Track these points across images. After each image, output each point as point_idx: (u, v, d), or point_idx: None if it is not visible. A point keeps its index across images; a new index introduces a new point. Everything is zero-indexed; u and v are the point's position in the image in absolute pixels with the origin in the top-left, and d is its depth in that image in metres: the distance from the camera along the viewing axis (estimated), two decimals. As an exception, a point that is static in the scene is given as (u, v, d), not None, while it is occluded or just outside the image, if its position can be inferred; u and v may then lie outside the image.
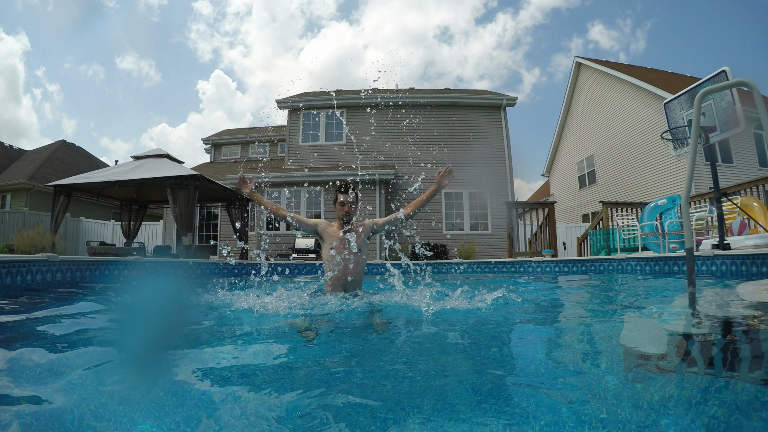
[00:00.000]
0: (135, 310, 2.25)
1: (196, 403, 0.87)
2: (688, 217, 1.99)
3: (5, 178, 16.34)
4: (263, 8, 51.39)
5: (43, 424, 0.74)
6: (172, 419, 0.78)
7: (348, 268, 2.57)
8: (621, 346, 1.37)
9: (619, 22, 50.47)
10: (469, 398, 0.91)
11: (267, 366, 1.21)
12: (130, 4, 41.85)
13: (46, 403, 0.82)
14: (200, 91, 61.73)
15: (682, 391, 0.92)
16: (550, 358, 1.29)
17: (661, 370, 1.09)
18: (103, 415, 0.79)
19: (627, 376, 1.04)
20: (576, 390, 0.95)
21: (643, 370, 1.08)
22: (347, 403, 0.86)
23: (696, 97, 1.91)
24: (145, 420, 0.77)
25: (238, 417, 0.80)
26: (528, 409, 0.83)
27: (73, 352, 1.27)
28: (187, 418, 0.79)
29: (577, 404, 0.85)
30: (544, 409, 0.83)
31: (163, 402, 0.86)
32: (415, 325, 1.81)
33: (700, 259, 3.63)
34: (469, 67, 66.08)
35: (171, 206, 7.67)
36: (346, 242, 2.59)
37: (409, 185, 12.97)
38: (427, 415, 0.80)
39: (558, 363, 1.23)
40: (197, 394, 0.92)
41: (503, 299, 2.21)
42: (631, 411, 0.81)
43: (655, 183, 12.70)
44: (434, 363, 1.23)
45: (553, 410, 0.82)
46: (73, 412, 0.78)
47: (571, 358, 1.28)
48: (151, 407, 0.83)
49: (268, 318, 1.96)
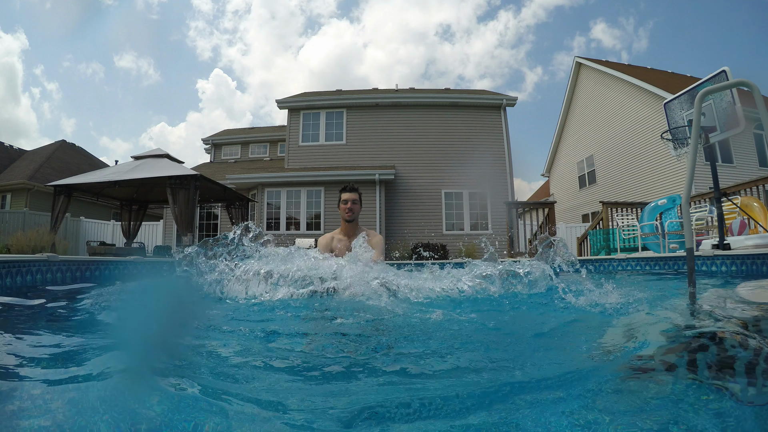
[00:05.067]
0: (136, 310, 2.25)
1: (211, 399, 0.87)
2: (689, 217, 2.00)
3: (5, 178, 16.34)
4: (262, 5, 51.42)
5: (43, 424, 0.74)
6: (181, 417, 0.78)
7: None
8: (620, 346, 1.37)
9: (621, 20, 50.52)
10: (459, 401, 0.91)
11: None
12: (128, 1, 41.89)
13: (45, 404, 0.82)
14: (200, 90, 61.83)
15: (682, 391, 0.92)
16: (543, 358, 1.29)
17: (660, 371, 1.09)
18: (104, 415, 0.79)
19: (625, 377, 1.04)
20: (569, 391, 0.95)
21: (643, 371, 1.08)
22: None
23: (696, 97, 1.91)
24: (146, 420, 0.77)
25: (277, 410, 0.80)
26: (519, 410, 0.83)
27: (73, 352, 1.27)
28: (197, 417, 0.79)
29: (569, 409, 0.85)
30: (538, 411, 0.83)
31: (171, 402, 0.86)
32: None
33: (700, 259, 3.63)
34: (470, 66, 66.18)
35: (171, 206, 7.67)
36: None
37: (409, 185, 12.98)
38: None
39: (550, 362, 1.23)
40: (207, 392, 0.92)
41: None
42: (630, 411, 0.81)
43: (655, 183, 12.70)
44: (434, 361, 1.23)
45: (546, 412, 0.82)
46: (73, 412, 0.78)
47: (564, 358, 1.28)
48: (152, 407, 0.83)
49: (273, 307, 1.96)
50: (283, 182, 12.27)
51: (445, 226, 12.74)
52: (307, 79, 65.72)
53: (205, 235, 13.88)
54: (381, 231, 11.72)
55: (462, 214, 12.87)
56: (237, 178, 12.40)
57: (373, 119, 13.67)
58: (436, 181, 12.98)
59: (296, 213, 12.27)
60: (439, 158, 13.19)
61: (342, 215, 2.79)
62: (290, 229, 12.16)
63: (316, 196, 12.27)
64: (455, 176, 12.88)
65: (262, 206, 12.18)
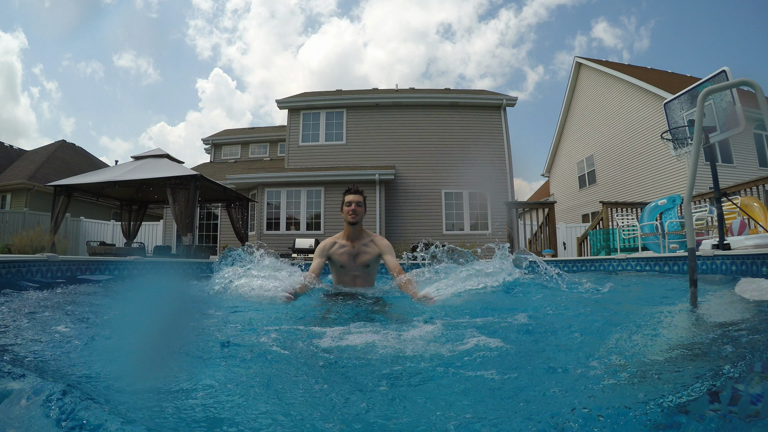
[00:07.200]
0: (136, 309, 2.24)
1: (208, 400, 0.87)
2: (690, 217, 1.99)
3: (5, 178, 16.33)
4: (262, 4, 51.33)
5: (44, 425, 0.73)
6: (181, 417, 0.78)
7: (356, 282, 2.57)
8: (619, 347, 1.37)
9: (623, 19, 50.41)
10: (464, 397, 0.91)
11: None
12: (128, 0, 41.81)
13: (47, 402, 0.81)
14: (199, 90, 61.62)
15: (683, 392, 0.92)
16: (540, 360, 1.29)
17: (660, 371, 1.09)
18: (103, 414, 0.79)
19: (624, 378, 1.04)
20: (572, 394, 0.95)
21: (642, 372, 1.08)
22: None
23: (699, 97, 1.91)
24: (145, 420, 0.77)
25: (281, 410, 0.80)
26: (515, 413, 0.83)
27: (72, 353, 1.27)
28: (196, 416, 0.79)
29: (567, 410, 0.85)
30: (535, 413, 0.82)
31: (172, 401, 0.86)
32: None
33: (700, 259, 3.63)
34: (471, 65, 65.96)
35: (171, 206, 7.67)
36: (355, 257, 2.60)
37: (409, 185, 12.98)
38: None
39: (548, 365, 1.23)
40: (207, 391, 0.92)
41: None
42: (629, 413, 0.81)
43: (655, 183, 12.70)
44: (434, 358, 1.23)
45: (547, 414, 0.82)
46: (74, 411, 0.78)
47: (564, 360, 1.28)
48: (153, 407, 0.83)
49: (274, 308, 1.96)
50: (283, 182, 12.26)
51: (445, 226, 12.74)
52: (307, 78, 65.63)
53: (205, 235, 13.88)
54: (381, 231, 11.73)
55: (462, 214, 12.87)
56: (237, 178, 12.40)
57: (373, 119, 13.67)
58: (436, 181, 12.98)
59: (296, 213, 12.27)
60: (439, 158, 13.18)
61: (345, 218, 2.60)
62: (290, 230, 12.15)
63: (316, 196, 12.27)
64: (455, 176, 12.88)
65: (262, 206, 12.18)
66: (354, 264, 2.62)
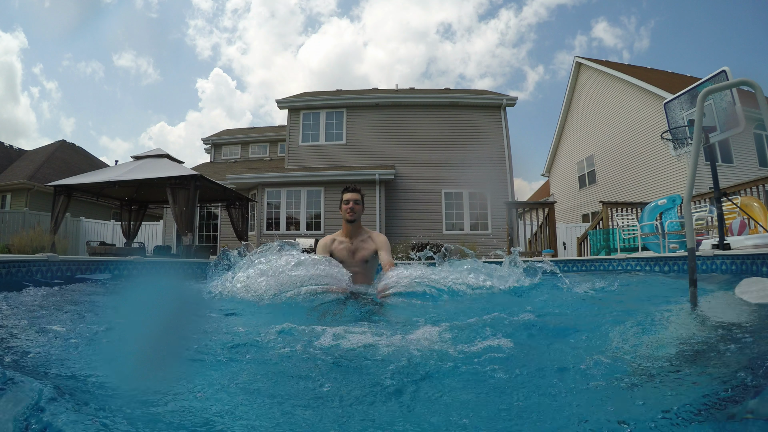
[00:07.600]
0: (136, 309, 2.24)
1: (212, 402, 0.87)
2: (690, 217, 1.99)
3: (5, 178, 16.33)
4: (262, 4, 51.31)
5: (42, 425, 0.73)
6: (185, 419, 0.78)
7: (355, 278, 2.57)
8: (619, 347, 1.37)
9: (623, 19, 50.38)
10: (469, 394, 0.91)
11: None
12: (128, 0, 41.79)
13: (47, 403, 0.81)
14: (199, 90, 61.57)
15: (682, 392, 0.92)
16: (541, 361, 1.29)
17: (660, 372, 1.09)
18: (103, 415, 0.79)
19: (624, 379, 1.04)
20: (570, 393, 0.95)
21: (642, 372, 1.08)
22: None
23: (699, 97, 1.91)
24: (146, 420, 0.77)
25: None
26: (517, 413, 0.83)
27: (72, 353, 1.27)
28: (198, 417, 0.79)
29: (567, 410, 0.85)
30: (534, 413, 0.82)
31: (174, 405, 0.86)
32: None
33: (700, 259, 3.63)
34: (471, 65, 65.89)
35: (171, 206, 7.67)
36: (353, 253, 2.62)
37: (409, 185, 12.98)
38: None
39: (548, 366, 1.23)
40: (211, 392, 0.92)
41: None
42: (629, 414, 0.81)
43: (655, 183, 12.70)
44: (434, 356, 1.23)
45: (547, 414, 0.82)
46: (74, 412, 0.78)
47: (563, 361, 1.27)
48: (154, 407, 0.83)
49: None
50: (283, 182, 12.27)
51: (445, 226, 12.74)
52: (307, 78, 65.59)
53: (205, 235, 13.88)
54: (381, 231, 11.73)
55: (462, 214, 12.87)
56: (237, 178, 12.40)
57: (373, 119, 13.67)
58: (436, 181, 12.98)
59: (296, 213, 12.27)
60: (439, 158, 13.19)
61: (343, 216, 2.71)
62: (290, 229, 12.16)
63: (316, 196, 12.27)
64: (455, 176, 12.87)
65: (262, 206, 12.18)
66: (353, 260, 2.68)
